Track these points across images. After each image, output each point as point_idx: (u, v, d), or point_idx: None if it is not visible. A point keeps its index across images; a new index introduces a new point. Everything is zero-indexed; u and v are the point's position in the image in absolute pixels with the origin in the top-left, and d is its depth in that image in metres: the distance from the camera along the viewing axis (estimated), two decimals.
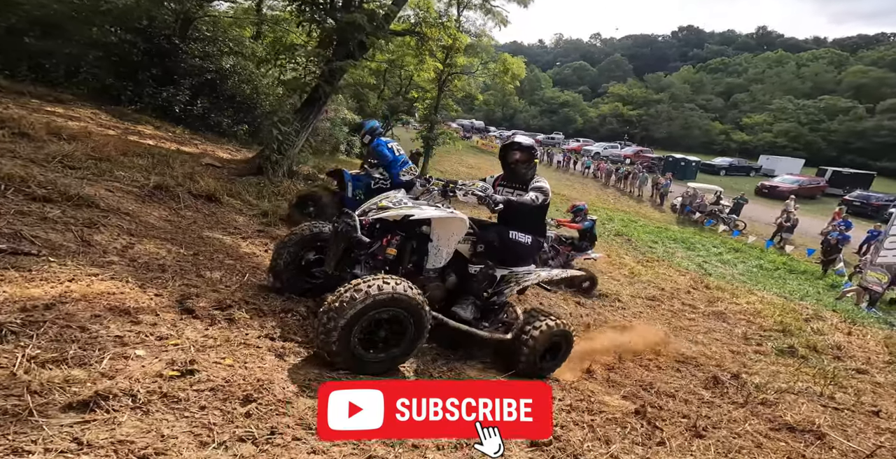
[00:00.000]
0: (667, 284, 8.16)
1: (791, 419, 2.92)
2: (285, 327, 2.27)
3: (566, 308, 5.56)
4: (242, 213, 4.57)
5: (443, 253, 2.52)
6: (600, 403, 2.49)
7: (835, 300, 9.18)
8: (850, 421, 3.16)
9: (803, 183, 23.44)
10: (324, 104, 6.74)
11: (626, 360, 3.66)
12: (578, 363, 3.23)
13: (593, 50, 78.07)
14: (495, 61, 18.73)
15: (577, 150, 33.67)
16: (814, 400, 3.48)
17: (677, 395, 3.02)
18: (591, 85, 62.53)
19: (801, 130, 39.87)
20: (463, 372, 2.49)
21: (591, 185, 24.31)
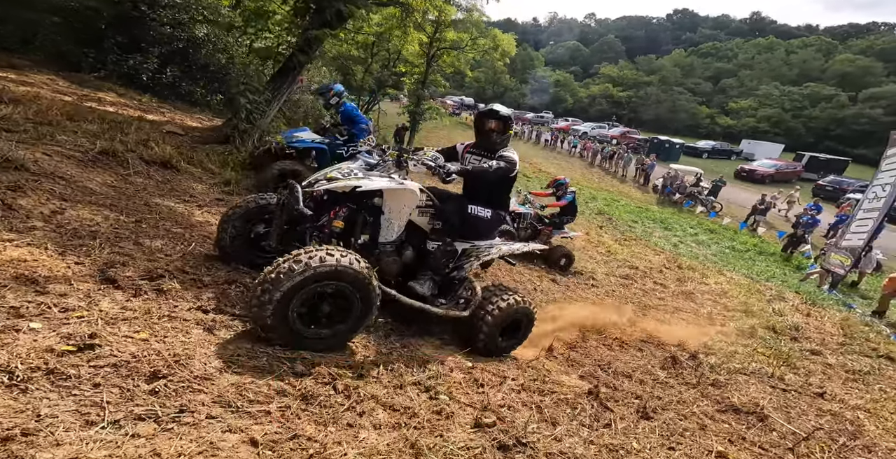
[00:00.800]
0: (641, 263, 8.21)
1: (738, 400, 2.92)
2: (224, 299, 2.10)
3: (540, 284, 5.52)
4: (202, 181, 4.28)
5: (394, 226, 2.40)
6: (555, 383, 2.43)
7: (799, 282, 9.42)
8: (795, 403, 3.19)
9: (780, 167, 23.74)
10: (298, 74, 6.32)
11: (590, 339, 3.64)
12: (540, 340, 3.18)
13: (587, 30, 76.46)
14: (485, 37, 17.93)
15: (566, 130, 33.29)
16: (764, 381, 3.52)
17: (634, 375, 3.00)
18: (584, 65, 61.54)
19: (783, 116, 40.11)
20: (418, 348, 2.36)
21: (576, 164, 24.16)
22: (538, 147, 27.92)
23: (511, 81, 56.89)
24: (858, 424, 2.92)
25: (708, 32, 63.58)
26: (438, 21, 17.26)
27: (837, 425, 2.89)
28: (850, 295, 9.15)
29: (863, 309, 8.06)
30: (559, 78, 55.21)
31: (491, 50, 18.67)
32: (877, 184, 8.61)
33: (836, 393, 3.55)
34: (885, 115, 34.49)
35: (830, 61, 44.65)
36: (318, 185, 2.23)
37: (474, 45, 18.36)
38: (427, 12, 7.97)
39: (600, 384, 2.66)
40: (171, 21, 8.13)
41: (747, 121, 41.44)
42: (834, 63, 43.95)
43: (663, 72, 51.15)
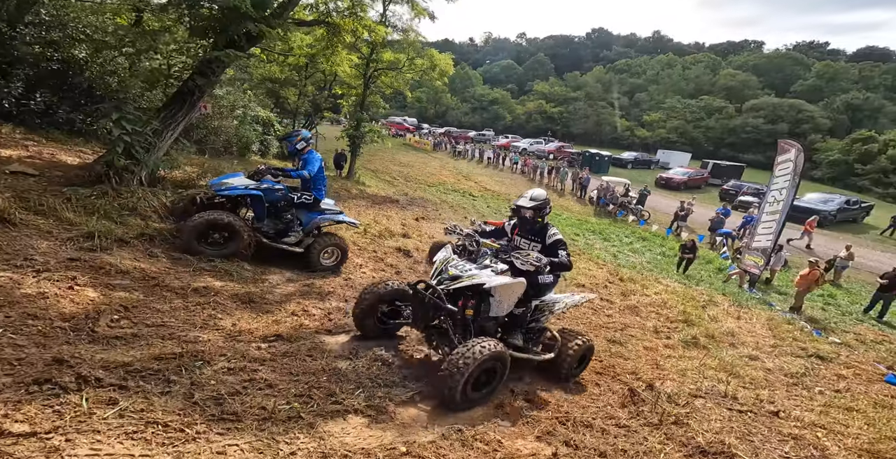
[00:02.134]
0: (587, 280, 8.25)
1: (703, 439, 2.77)
2: (25, 409, 1.52)
3: None
4: (51, 237, 3.41)
5: (504, 306, 3.00)
6: (510, 455, 2.04)
7: (722, 283, 10.08)
8: (756, 429, 3.11)
9: (692, 174, 26.20)
10: (198, 99, 5.48)
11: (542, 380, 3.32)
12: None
13: (520, 49, 80.00)
14: (423, 57, 17.87)
15: (507, 147, 34.30)
16: (720, 404, 3.43)
17: (595, 424, 2.72)
18: (518, 83, 64.10)
19: (687, 127, 44.85)
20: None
21: (519, 181, 24.79)
22: (482, 165, 28.38)
23: (452, 100, 58.17)
24: (821, 448, 2.85)
25: (620, 50, 69.66)
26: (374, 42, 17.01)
27: (803, 451, 2.80)
28: (767, 292, 9.92)
29: (781, 306, 8.74)
30: (497, 95, 57.31)
31: (429, 69, 18.60)
32: (774, 188, 9.50)
33: (788, 408, 3.54)
34: (765, 124, 39.82)
35: (717, 76, 51.01)
36: (446, 285, 2.85)
37: (412, 65, 18.21)
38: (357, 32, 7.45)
39: (559, 444, 2.33)
40: (38, 40, 6.89)
41: (659, 132, 45.76)
42: (720, 77, 50.28)
43: (587, 87, 55.12)
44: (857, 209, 20.32)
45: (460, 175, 24.68)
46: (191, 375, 2.10)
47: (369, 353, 2.98)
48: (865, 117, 40.07)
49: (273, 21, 5.24)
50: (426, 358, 3.21)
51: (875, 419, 3.63)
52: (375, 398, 2.45)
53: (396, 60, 17.61)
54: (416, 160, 27.42)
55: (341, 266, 5.18)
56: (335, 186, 14.24)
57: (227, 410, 1.89)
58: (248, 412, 1.92)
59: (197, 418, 1.77)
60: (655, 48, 69.25)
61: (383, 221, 8.90)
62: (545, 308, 3.37)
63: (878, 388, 4.85)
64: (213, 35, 5.13)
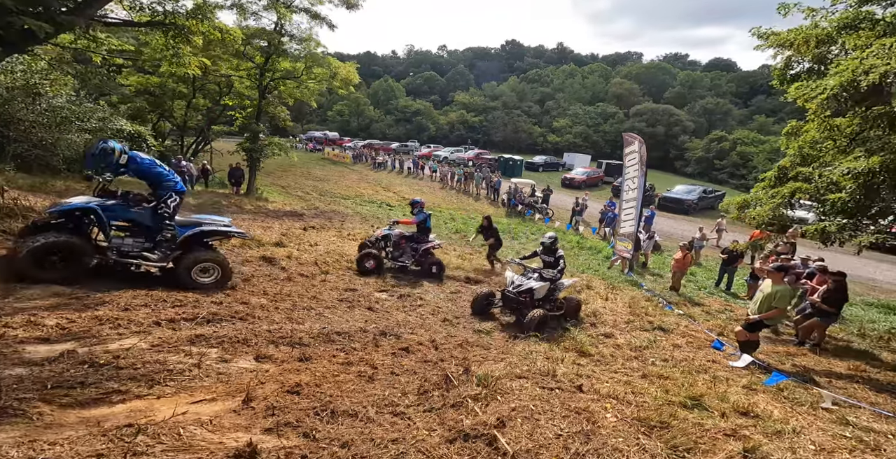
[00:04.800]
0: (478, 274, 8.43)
1: (471, 421, 2.67)
2: None
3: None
4: None
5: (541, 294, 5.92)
6: (180, 450, 1.81)
7: (607, 269, 10.96)
8: (549, 406, 3.09)
9: (590, 174, 28.82)
10: None
11: (346, 372, 3.12)
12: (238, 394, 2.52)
13: (441, 60, 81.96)
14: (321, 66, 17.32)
15: (428, 156, 34.73)
16: (538, 383, 3.49)
17: (360, 412, 2.53)
18: (441, 94, 65.58)
19: (588, 132, 49.51)
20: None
21: (436, 188, 25.12)
22: (402, 175, 28.34)
23: (375, 113, 57.70)
24: (596, 421, 2.95)
25: (531, 61, 74.76)
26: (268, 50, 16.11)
27: (576, 426, 2.85)
28: (642, 274, 10.98)
29: (651, 286, 9.67)
30: (420, 107, 58.06)
31: (330, 79, 18.07)
32: (627, 178, 10.59)
33: (595, 385, 3.69)
34: (647, 127, 45.36)
35: (609, 84, 57.26)
36: (517, 289, 5.90)
37: (310, 74, 17.55)
38: (209, 35, 6.84)
39: (289, 434, 2.11)
40: None
41: (567, 137, 49.86)
42: (611, 86, 56.52)
43: (504, 97, 58.28)
44: (713, 197, 23.89)
45: (379, 186, 24.35)
46: None
47: (80, 357, 2.68)
48: (718, 119, 47.87)
49: (63, 18, 4.53)
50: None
51: (677, 385, 3.96)
52: (13, 400, 2.14)
53: (294, 69, 16.90)
54: (334, 174, 26.53)
55: (225, 283, 4.73)
56: (226, 203, 13.08)
57: None
58: None
59: None
60: (560, 59, 75.67)
61: (258, 232, 8.27)
62: (558, 288, 6.27)
63: (704, 354, 5.41)
64: None
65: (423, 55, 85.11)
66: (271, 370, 2.99)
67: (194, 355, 2.97)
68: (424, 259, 7.75)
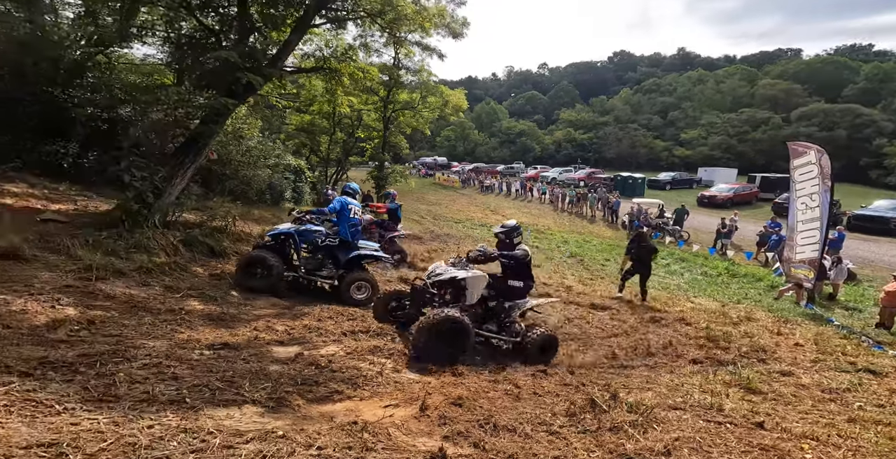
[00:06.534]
0: (605, 301, 8.02)
1: (633, 446, 2.54)
2: None
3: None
4: (57, 269, 4.03)
5: (474, 295, 4.33)
6: (391, 449, 2.11)
7: (773, 300, 9.23)
8: (721, 440, 2.78)
9: (738, 190, 24.77)
10: (204, 146, 6.31)
11: (492, 390, 3.30)
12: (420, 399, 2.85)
13: (542, 79, 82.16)
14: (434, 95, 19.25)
15: (535, 178, 34.64)
16: (698, 415, 3.18)
17: (520, 429, 2.62)
18: (545, 113, 65.39)
19: (731, 142, 43.01)
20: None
21: (547, 210, 24.76)
22: (509, 198, 28.75)
23: (479, 136, 60.47)
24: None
25: (645, 70, 69.61)
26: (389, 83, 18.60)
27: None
28: (830, 308, 8.94)
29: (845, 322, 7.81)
30: (524, 127, 58.62)
31: (442, 106, 19.89)
32: (802, 194, 8.88)
33: (780, 423, 3.18)
34: (820, 131, 37.21)
35: (755, 87, 49.27)
36: (434, 278, 4.32)
37: (425, 103, 19.57)
38: (354, 75, 8.34)
39: (462, 443, 2.31)
40: (88, 101, 7.75)
41: (701, 149, 44.19)
42: (758, 88, 48.51)
43: (616, 111, 55.23)
44: None
45: (487, 209, 25.09)
46: (101, 369, 2.39)
47: (307, 359, 3.24)
48: None
49: (265, 70, 6.16)
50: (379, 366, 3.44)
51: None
52: (282, 392, 2.57)
53: (411, 100, 19.15)
54: (445, 198, 28.31)
55: (372, 301, 5.51)
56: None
57: (109, 393, 2.11)
58: (129, 395, 2.12)
59: (75, 398, 1.99)
60: (683, 65, 68.94)
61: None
62: (516, 307, 4.57)
63: None
64: (211, 86, 6.08)
65: (524, 75, 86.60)
66: (433, 382, 3.37)
67: (376, 364, 3.48)
68: (389, 246, 8.20)
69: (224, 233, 6.33)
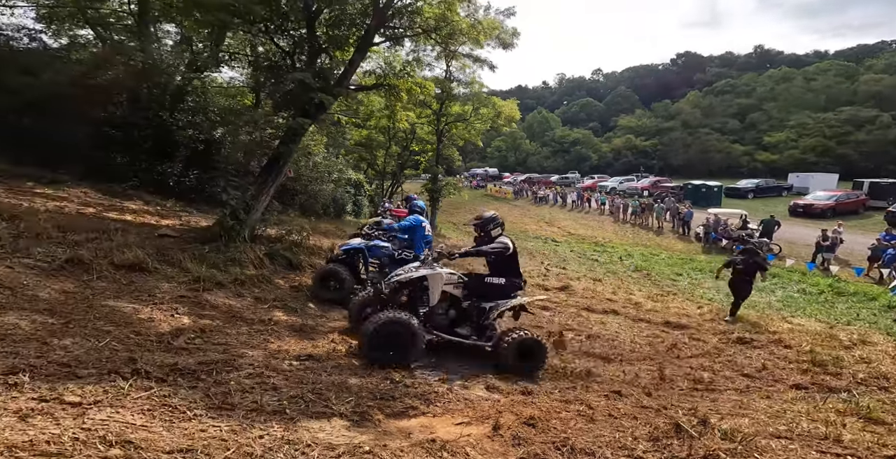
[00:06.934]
0: (681, 319, 7.30)
1: None
2: (84, 388, 2.11)
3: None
4: (173, 280, 4.49)
5: (436, 295, 3.93)
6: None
7: (893, 322, 7.83)
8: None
9: (840, 198, 21.66)
10: (284, 165, 6.78)
11: (563, 410, 3.07)
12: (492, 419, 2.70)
13: (597, 85, 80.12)
14: (486, 106, 19.37)
15: (593, 188, 33.25)
16: (809, 446, 2.67)
17: (598, 452, 2.38)
18: (601, 120, 63.38)
19: (828, 144, 38.15)
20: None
21: (606, 222, 23.55)
22: (565, 209, 27.83)
23: (531, 146, 59.74)
24: None
25: (717, 71, 64.71)
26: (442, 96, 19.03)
27: None
28: None
29: None
30: (578, 136, 57.00)
31: (495, 117, 19.95)
32: None
33: None
34: None
35: (855, 83, 43.55)
36: (396, 278, 3.96)
37: (478, 115, 19.74)
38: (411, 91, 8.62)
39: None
40: (189, 124, 8.64)
41: (791, 153, 39.72)
42: (860, 84, 42.82)
43: (683, 115, 51.80)
44: None
45: (542, 221, 24.50)
46: (217, 376, 2.63)
47: (382, 373, 3.34)
48: None
49: (334, 89, 6.56)
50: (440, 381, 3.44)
51: None
52: (364, 406, 2.68)
53: (463, 112, 19.40)
54: (497, 210, 27.99)
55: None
56: None
57: (227, 401, 2.32)
58: (242, 404, 2.33)
59: (200, 405, 2.21)
60: (760, 64, 63.40)
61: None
62: (495, 308, 4.15)
63: None
64: (290, 107, 6.58)
65: (576, 82, 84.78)
66: (502, 401, 3.30)
67: (445, 380, 3.52)
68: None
69: (300, 247, 6.77)
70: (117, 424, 1.85)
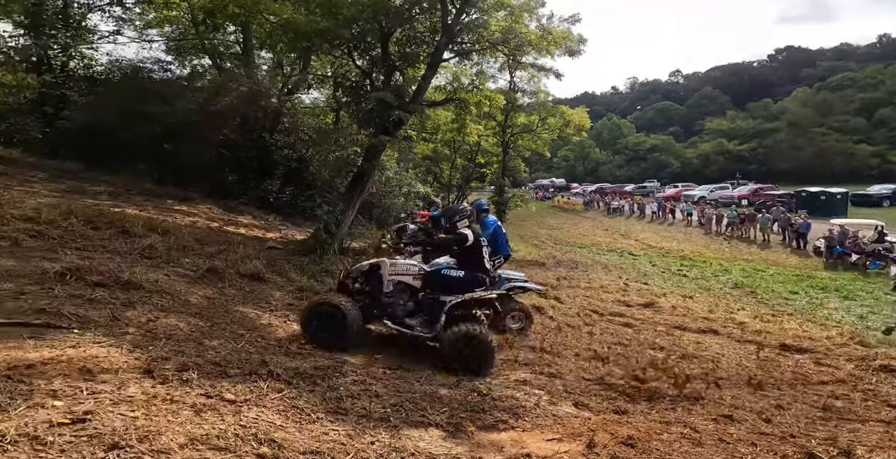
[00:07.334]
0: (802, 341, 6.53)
1: None
2: (235, 386, 2.38)
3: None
4: (282, 290, 5.01)
5: (387, 284, 3.99)
6: None
7: None
8: None
9: None
10: (367, 181, 7.33)
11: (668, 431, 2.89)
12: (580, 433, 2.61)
13: (676, 88, 76.39)
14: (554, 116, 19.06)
15: (677, 197, 30.77)
16: None
17: None
18: (682, 124, 59.95)
19: None
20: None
21: (695, 234, 21.53)
22: (643, 221, 26.07)
23: (602, 154, 57.23)
24: None
25: (830, 64, 57.63)
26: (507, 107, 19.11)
27: None
28: None
29: None
30: (656, 142, 53.83)
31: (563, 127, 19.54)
32: None
33: None
34: None
35: None
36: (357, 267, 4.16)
37: (545, 125, 19.49)
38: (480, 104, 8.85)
39: None
40: (284, 144, 9.61)
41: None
42: None
43: (788, 114, 46.19)
44: None
45: (617, 234, 23.24)
46: (329, 381, 2.90)
47: (469, 385, 3.42)
48: None
49: (409, 106, 7.01)
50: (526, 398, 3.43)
51: None
52: (457, 418, 2.78)
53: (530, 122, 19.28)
54: (566, 222, 27.31)
55: (528, 329, 5.74)
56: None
57: (341, 406, 2.55)
58: (353, 410, 2.54)
59: (321, 408, 2.46)
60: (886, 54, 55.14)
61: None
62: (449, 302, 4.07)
63: None
64: (371, 125, 7.14)
65: (651, 85, 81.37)
66: (594, 418, 3.19)
67: (531, 395, 3.49)
68: None
69: None
70: (264, 423, 2.09)
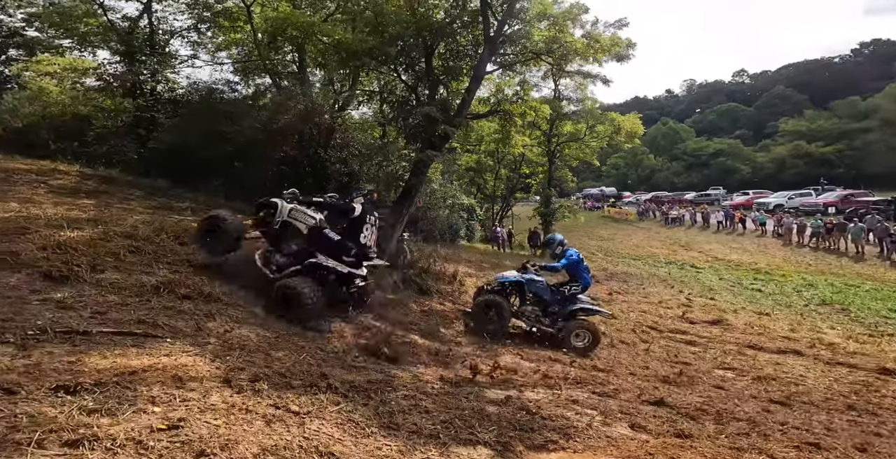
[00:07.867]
0: None
1: None
2: (299, 398, 2.57)
3: None
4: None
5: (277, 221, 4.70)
6: None
7: None
8: None
9: None
10: (415, 195, 7.59)
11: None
12: None
13: (741, 88, 72.54)
14: (603, 123, 18.59)
15: (747, 205, 28.64)
16: None
17: None
18: (751, 127, 56.38)
19: None
20: None
21: (771, 245, 19.91)
22: (707, 231, 24.51)
23: (657, 161, 54.62)
24: None
25: None
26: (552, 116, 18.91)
27: None
28: None
29: None
30: (721, 146, 50.77)
31: (614, 134, 19.03)
32: None
33: None
34: None
35: None
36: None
37: (593, 133, 19.09)
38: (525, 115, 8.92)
39: None
40: (337, 159, 9.92)
41: None
42: None
43: (881, 113, 41.85)
44: None
45: (677, 245, 22.02)
46: (381, 396, 3.03)
47: (517, 403, 3.43)
48: None
49: (455, 119, 7.22)
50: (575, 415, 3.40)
51: None
52: (506, 436, 2.80)
53: (576, 131, 18.90)
54: (618, 232, 26.32)
55: (593, 348, 5.84)
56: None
57: (393, 421, 2.64)
58: (404, 425, 2.62)
59: (374, 422, 2.57)
60: None
61: None
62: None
63: None
64: (419, 140, 7.42)
65: (712, 86, 77.76)
66: (652, 441, 3.11)
67: (583, 415, 3.47)
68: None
69: (427, 273, 7.43)
70: (324, 436, 2.23)
